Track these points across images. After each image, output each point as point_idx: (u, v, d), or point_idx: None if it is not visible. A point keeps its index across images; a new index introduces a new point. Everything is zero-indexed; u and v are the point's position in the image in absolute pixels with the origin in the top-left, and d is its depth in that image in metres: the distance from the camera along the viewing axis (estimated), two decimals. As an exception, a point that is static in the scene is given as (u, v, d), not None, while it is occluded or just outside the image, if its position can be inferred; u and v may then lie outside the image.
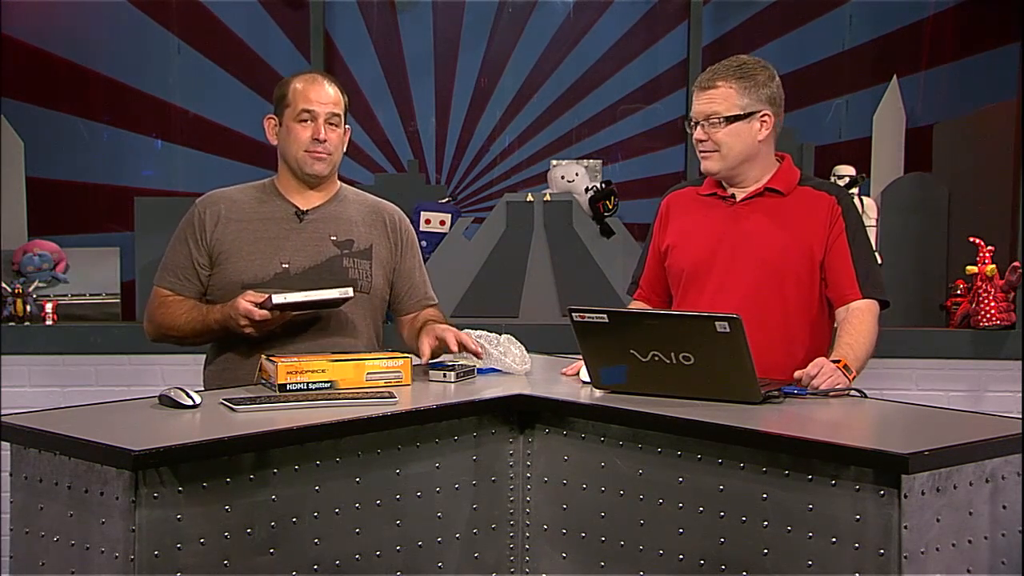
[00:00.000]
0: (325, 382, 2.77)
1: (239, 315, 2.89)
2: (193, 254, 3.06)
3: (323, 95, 3.05)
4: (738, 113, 2.97)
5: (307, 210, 3.10)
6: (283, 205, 3.10)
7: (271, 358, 2.80)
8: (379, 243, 3.15)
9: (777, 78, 3.04)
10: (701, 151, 3.03)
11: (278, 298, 2.86)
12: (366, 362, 2.83)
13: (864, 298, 2.96)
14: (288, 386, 2.74)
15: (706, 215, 3.08)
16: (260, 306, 2.88)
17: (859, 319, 2.94)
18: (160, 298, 3.08)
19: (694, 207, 3.12)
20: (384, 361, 2.85)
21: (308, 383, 2.76)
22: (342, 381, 2.79)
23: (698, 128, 3.01)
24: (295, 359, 2.78)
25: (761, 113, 2.99)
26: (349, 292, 2.93)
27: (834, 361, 2.78)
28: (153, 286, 3.12)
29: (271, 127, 3.12)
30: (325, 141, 3.05)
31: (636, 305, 3.25)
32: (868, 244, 3.05)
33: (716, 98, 2.98)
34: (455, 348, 2.98)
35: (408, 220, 3.26)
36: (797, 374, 2.76)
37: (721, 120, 2.97)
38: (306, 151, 3.05)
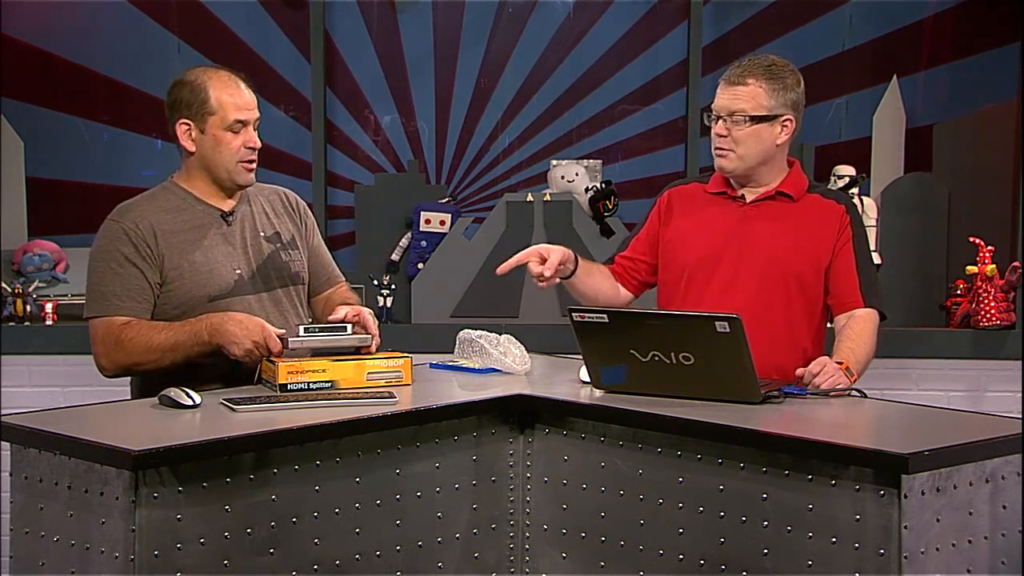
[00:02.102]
0: (325, 382, 2.77)
1: (264, 340, 2.77)
2: (146, 274, 2.86)
3: (248, 100, 2.93)
4: (764, 114, 2.93)
5: (230, 211, 2.99)
6: (206, 210, 2.96)
7: (271, 358, 2.80)
8: (294, 230, 3.10)
9: (802, 83, 2.99)
10: (718, 147, 2.98)
11: (295, 342, 2.79)
12: (366, 362, 2.83)
13: (865, 307, 2.97)
14: (288, 386, 2.74)
15: (714, 213, 3.06)
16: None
17: (861, 326, 2.94)
18: (118, 327, 2.82)
19: (700, 204, 3.10)
20: (384, 361, 2.85)
21: (308, 383, 2.76)
22: (342, 381, 2.79)
23: (719, 122, 2.96)
24: (295, 359, 2.78)
25: (784, 117, 2.95)
26: (367, 340, 2.88)
27: (836, 363, 2.79)
28: (98, 318, 2.84)
29: (184, 132, 2.92)
30: (257, 148, 2.94)
31: None
32: (870, 255, 3.06)
33: (744, 95, 2.93)
34: (373, 331, 2.90)
35: (302, 199, 3.18)
36: (799, 372, 2.76)
37: (746, 119, 2.93)
38: (239, 161, 2.92)
